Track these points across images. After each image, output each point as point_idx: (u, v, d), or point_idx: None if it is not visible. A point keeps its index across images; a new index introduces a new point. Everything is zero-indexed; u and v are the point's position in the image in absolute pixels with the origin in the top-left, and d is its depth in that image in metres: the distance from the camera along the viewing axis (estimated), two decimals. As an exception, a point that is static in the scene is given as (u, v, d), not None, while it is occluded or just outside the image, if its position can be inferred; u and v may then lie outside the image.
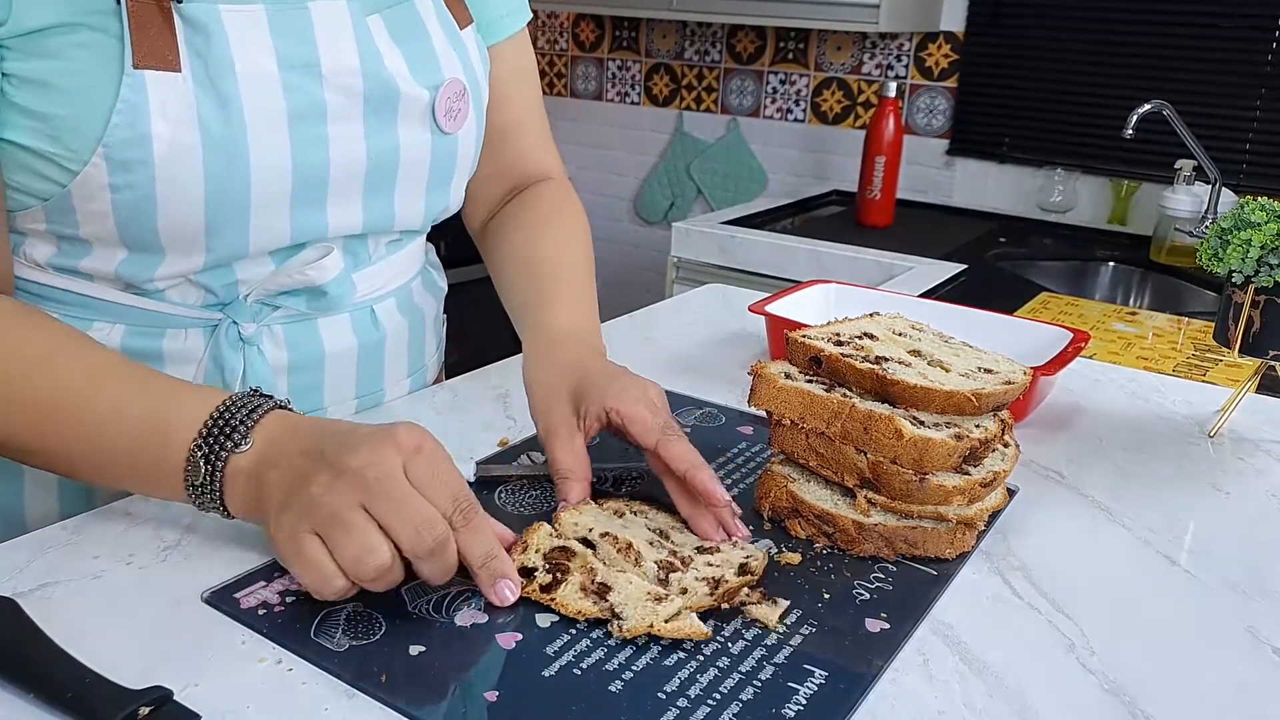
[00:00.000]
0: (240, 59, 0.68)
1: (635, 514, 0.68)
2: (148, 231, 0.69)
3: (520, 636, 0.56)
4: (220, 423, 0.59)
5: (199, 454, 0.59)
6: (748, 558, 0.63)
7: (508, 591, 0.58)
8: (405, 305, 0.89)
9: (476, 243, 1.00)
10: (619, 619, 0.56)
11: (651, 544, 0.64)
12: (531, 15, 0.94)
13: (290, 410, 0.62)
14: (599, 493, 0.72)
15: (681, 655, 0.55)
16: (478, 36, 0.86)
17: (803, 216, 2.49)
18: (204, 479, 0.59)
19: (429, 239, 0.96)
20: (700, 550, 0.64)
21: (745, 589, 0.60)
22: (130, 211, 0.68)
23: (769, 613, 0.58)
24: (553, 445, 0.70)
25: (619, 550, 0.62)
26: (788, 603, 0.60)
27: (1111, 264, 2.13)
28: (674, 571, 0.61)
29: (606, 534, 0.64)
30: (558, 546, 0.62)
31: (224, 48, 0.67)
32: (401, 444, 0.57)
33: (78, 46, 0.63)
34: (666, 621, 0.55)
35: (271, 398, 0.62)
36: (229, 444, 0.59)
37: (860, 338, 0.75)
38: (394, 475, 0.55)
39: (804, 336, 0.74)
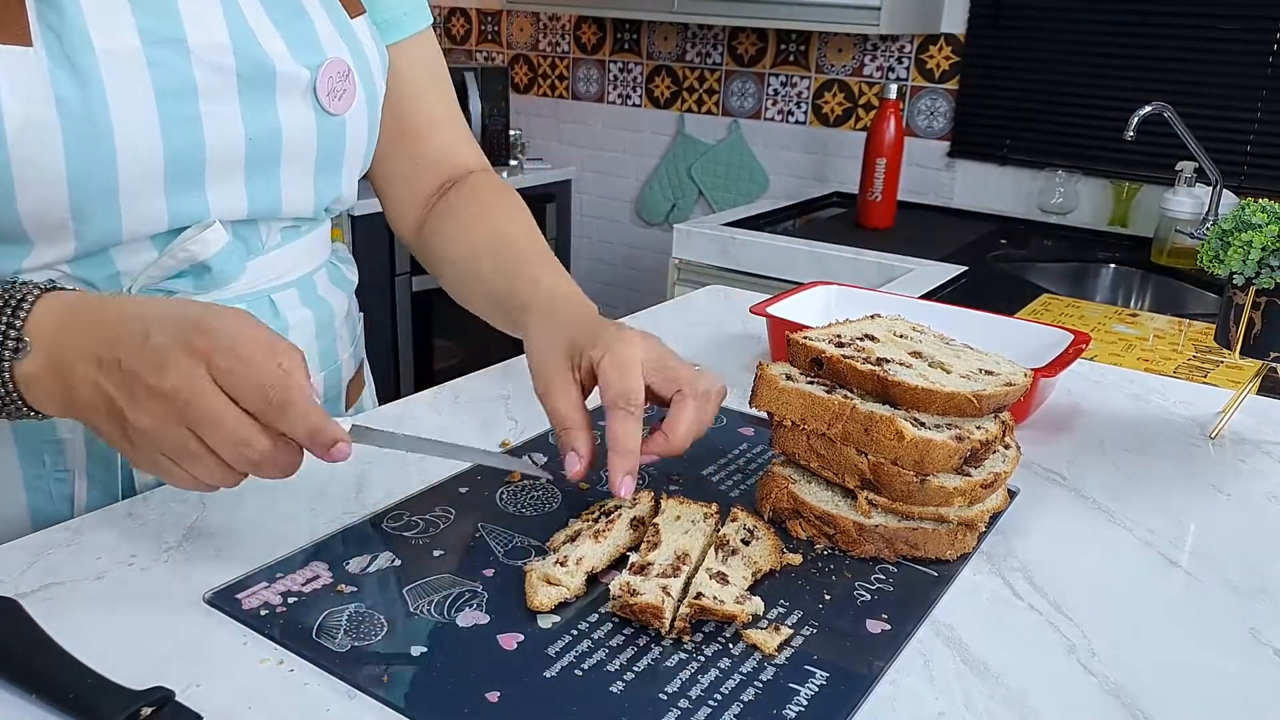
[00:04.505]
0: (98, 33, 0.65)
1: (721, 525, 0.67)
2: (9, 217, 0.66)
3: (522, 637, 0.56)
4: None
5: None
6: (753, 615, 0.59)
7: (345, 448, 0.57)
8: (309, 297, 0.87)
9: (410, 245, 0.97)
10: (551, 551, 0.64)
11: (680, 556, 0.62)
12: (432, 20, 0.93)
13: (57, 289, 0.61)
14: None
15: (683, 656, 0.55)
16: (373, 29, 0.85)
17: (804, 218, 2.49)
18: None
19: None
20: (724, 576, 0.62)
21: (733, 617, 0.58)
22: None
23: (768, 639, 0.57)
24: (551, 399, 0.69)
25: (646, 542, 0.64)
26: (790, 631, 0.58)
27: (1112, 266, 2.13)
28: (640, 574, 0.60)
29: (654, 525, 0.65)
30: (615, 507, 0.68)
31: (79, 21, 0.65)
32: (198, 351, 0.56)
33: None
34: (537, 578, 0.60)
35: (32, 285, 0.60)
36: (5, 352, 0.58)
37: (861, 339, 0.75)
38: (202, 392, 0.55)
39: (805, 338, 0.74)
